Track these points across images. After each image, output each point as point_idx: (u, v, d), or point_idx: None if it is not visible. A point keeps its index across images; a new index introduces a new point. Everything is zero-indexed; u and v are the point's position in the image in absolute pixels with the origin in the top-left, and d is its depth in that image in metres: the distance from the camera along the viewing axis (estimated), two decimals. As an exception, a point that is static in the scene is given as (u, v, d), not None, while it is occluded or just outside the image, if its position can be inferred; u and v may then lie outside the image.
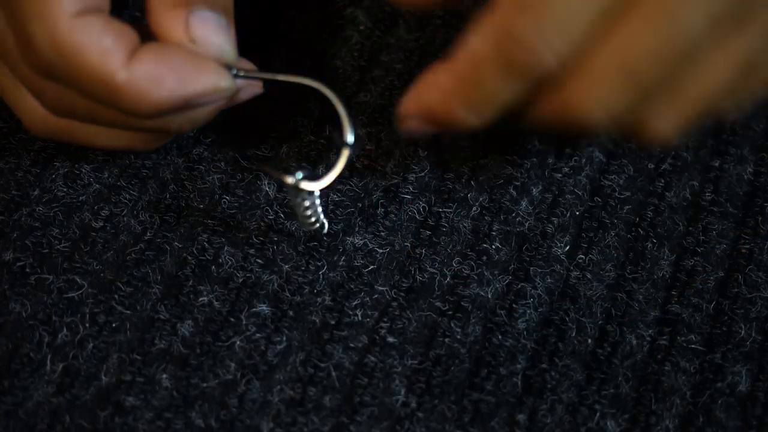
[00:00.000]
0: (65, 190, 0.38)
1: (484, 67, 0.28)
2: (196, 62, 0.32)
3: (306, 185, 0.33)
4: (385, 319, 0.36)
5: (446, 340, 0.36)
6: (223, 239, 0.37)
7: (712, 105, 0.30)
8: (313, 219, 0.35)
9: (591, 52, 0.27)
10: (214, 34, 0.33)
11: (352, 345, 0.36)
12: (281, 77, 0.34)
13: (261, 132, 0.40)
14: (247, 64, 0.35)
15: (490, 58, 0.28)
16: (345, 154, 0.32)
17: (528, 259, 0.38)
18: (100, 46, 0.31)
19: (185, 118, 0.34)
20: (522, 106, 0.29)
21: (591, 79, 0.28)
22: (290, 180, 0.33)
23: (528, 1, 0.27)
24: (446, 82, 0.29)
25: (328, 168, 0.33)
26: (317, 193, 0.34)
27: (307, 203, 0.34)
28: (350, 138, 0.32)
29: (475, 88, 0.28)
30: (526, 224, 0.38)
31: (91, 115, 0.34)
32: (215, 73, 0.32)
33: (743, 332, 0.36)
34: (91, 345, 0.35)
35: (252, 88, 0.35)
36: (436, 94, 0.29)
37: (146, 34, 0.33)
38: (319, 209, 0.35)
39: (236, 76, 0.33)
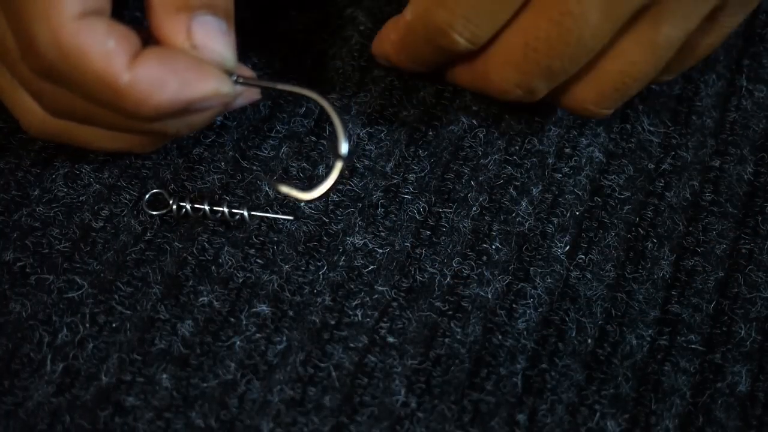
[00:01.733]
0: (65, 190, 0.38)
1: (414, 35, 0.35)
2: (198, 67, 0.32)
3: (300, 195, 0.34)
4: (385, 319, 0.36)
5: (446, 340, 0.36)
6: (223, 239, 0.37)
7: (635, 80, 0.35)
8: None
9: (498, 38, 0.34)
10: (215, 40, 0.33)
11: (352, 345, 0.36)
12: (280, 86, 0.35)
13: (261, 132, 0.40)
14: (246, 71, 0.35)
15: (417, 30, 0.35)
16: (338, 166, 0.33)
17: (528, 259, 0.38)
18: (103, 48, 0.31)
19: (184, 122, 0.34)
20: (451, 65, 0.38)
21: (499, 59, 0.35)
22: (285, 189, 0.34)
23: None
24: (392, 38, 0.37)
25: (325, 175, 0.34)
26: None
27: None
28: (344, 149, 0.33)
29: (410, 49, 0.37)
30: (526, 224, 0.38)
31: (89, 117, 0.34)
32: (216, 78, 0.32)
33: (743, 332, 0.36)
34: (91, 345, 0.35)
35: (249, 95, 0.36)
36: (388, 46, 0.38)
37: (147, 38, 0.33)
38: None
39: (236, 82, 0.33)
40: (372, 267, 0.37)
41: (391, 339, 0.36)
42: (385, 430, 0.34)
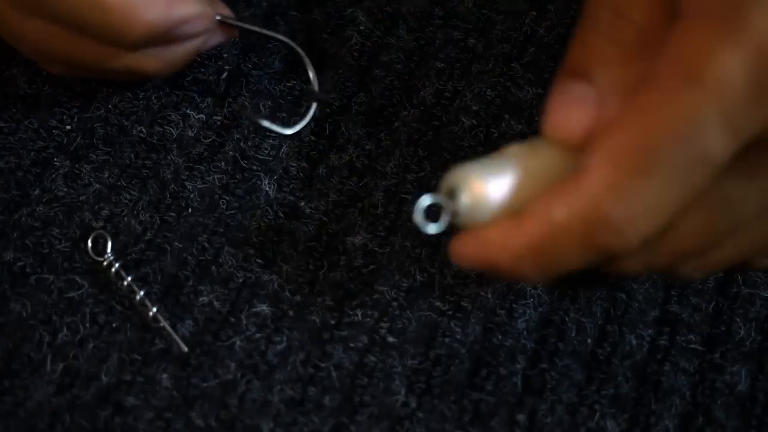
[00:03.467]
0: (65, 189, 0.38)
1: (563, 239, 0.27)
2: None
3: (281, 130, 0.37)
4: (385, 319, 0.36)
5: (446, 340, 0.36)
6: (223, 239, 0.37)
7: (742, 260, 0.31)
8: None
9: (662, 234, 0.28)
10: None
11: (352, 345, 0.36)
12: (256, 29, 0.38)
13: (261, 132, 0.40)
14: (226, 11, 0.37)
15: (573, 232, 0.27)
16: (313, 106, 0.36)
17: (528, 259, 0.38)
18: None
19: (163, 54, 0.34)
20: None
21: (647, 254, 0.28)
22: (266, 123, 0.36)
23: (622, 182, 0.26)
24: (518, 246, 0.27)
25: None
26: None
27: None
28: (315, 86, 0.36)
29: (548, 257, 0.27)
30: (526, 224, 0.38)
31: (68, 60, 0.34)
32: (200, 3, 0.33)
33: (743, 332, 0.36)
34: (92, 345, 0.35)
35: (227, 32, 0.37)
36: (506, 255, 0.28)
37: None
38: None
39: (219, 15, 0.36)
40: (372, 267, 0.37)
41: (391, 339, 0.36)
42: (385, 430, 0.34)
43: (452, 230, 0.28)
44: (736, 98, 0.25)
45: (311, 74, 0.37)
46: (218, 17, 0.36)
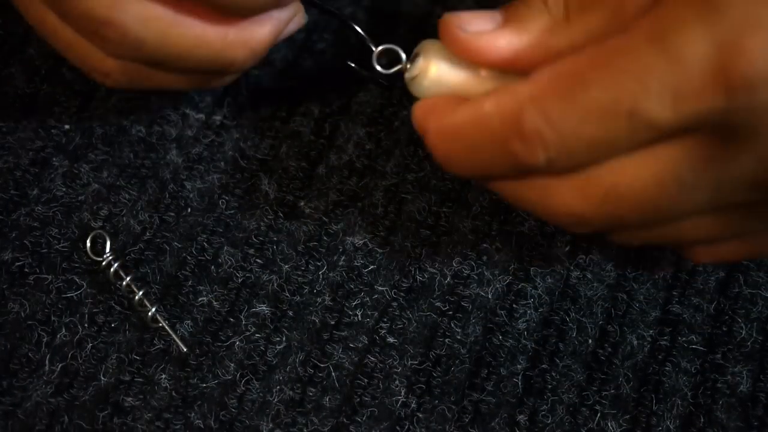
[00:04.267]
0: (64, 189, 0.38)
1: (482, 131, 0.29)
2: None
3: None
4: (385, 319, 0.36)
5: (446, 340, 0.36)
6: (223, 239, 0.37)
7: (677, 243, 0.32)
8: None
9: (583, 168, 0.28)
10: None
11: (352, 345, 0.36)
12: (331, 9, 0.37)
13: (261, 132, 0.40)
14: None
15: (491, 127, 0.28)
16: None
17: (528, 259, 0.37)
18: None
19: (251, 38, 0.33)
20: (500, 177, 0.30)
21: (573, 186, 0.29)
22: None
23: (547, 97, 0.27)
24: (446, 122, 0.30)
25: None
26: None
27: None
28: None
29: (468, 142, 0.29)
30: (526, 224, 0.38)
31: (158, 46, 0.33)
32: None
33: (744, 332, 0.36)
34: (90, 345, 0.35)
35: (299, 19, 0.36)
36: (433, 127, 0.30)
37: None
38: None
39: None
40: (372, 267, 0.37)
41: (391, 339, 0.36)
42: (385, 431, 0.34)
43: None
44: (691, 77, 0.25)
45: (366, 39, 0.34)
46: None
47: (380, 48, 0.32)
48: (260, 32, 0.33)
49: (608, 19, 0.28)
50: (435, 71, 0.31)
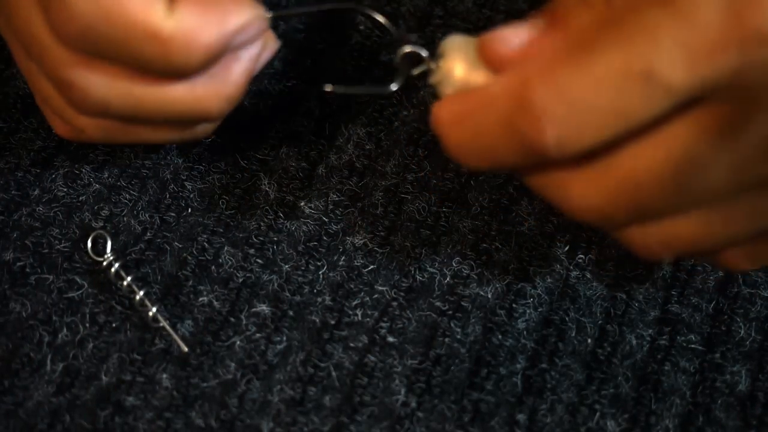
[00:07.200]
0: (65, 189, 0.38)
1: (490, 113, 0.27)
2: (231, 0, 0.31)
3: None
4: (385, 319, 0.36)
5: (446, 340, 0.36)
6: (223, 239, 0.37)
7: (715, 243, 0.29)
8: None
9: (597, 159, 0.27)
10: None
11: (352, 345, 0.36)
12: (314, 8, 0.34)
13: (261, 132, 0.40)
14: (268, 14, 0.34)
15: (498, 107, 0.27)
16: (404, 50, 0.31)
17: (528, 259, 0.38)
18: None
19: (222, 86, 0.32)
20: (517, 167, 0.29)
21: (589, 176, 0.27)
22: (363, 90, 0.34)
23: (555, 69, 0.26)
24: (456, 109, 0.28)
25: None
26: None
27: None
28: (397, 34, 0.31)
29: (478, 127, 0.28)
30: (526, 224, 0.38)
31: (125, 106, 0.32)
32: (251, 5, 0.31)
33: (743, 332, 0.36)
34: (91, 345, 0.35)
35: (271, 46, 0.34)
36: (444, 113, 0.29)
37: None
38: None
39: (270, 11, 0.33)
40: (372, 267, 0.37)
41: (391, 339, 0.36)
42: (385, 430, 0.34)
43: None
44: (705, 33, 0.24)
45: (387, 23, 0.32)
46: (270, 14, 0.32)
47: (405, 51, 0.30)
48: (231, 78, 0.32)
49: None
50: (460, 71, 0.29)
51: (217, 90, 0.32)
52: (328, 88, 0.31)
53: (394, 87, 0.30)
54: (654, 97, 0.25)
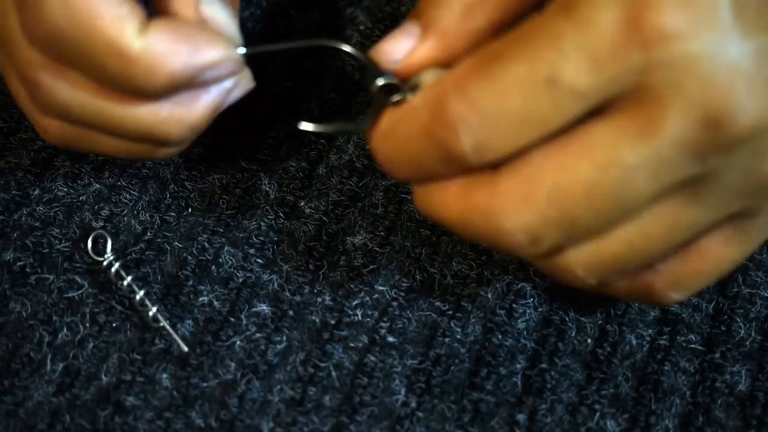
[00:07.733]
0: (65, 189, 0.38)
1: (411, 124, 0.28)
2: (207, 34, 0.31)
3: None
4: (385, 319, 0.36)
5: (446, 340, 0.36)
6: (223, 239, 0.37)
7: (637, 255, 0.29)
8: None
9: (519, 166, 0.27)
10: (222, 15, 0.33)
11: (352, 345, 0.36)
12: (289, 45, 0.34)
13: (261, 132, 0.40)
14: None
15: (418, 118, 0.28)
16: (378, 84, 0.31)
17: (528, 258, 0.38)
18: (115, 13, 0.30)
19: (187, 114, 0.32)
20: (441, 176, 0.29)
21: (514, 191, 0.28)
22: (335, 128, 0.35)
23: (468, 80, 0.27)
24: (383, 126, 0.30)
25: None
26: None
27: None
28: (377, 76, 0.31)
29: (402, 139, 0.29)
30: (526, 224, 0.38)
31: (86, 114, 0.33)
32: (225, 44, 0.32)
33: (743, 332, 0.36)
34: (92, 345, 0.35)
35: (245, 84, 0.34)
36: (377, 130, 0.30)
37: (151, 14, 0.32)
38: None
39: (245, 48, 0.33)
40: (372, 267, 0.37)
41: (391, 339, 0.36)
42: (385, 430, 0.34)
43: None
44: (604, 37, 0.25)
45: (367, 61, 0.32)
46: (244, 51, 0.33)
47: (381, 83, 0.30)
48: (196, 108, 0.32)
49: None
50: None
51: (180, 117, 0.32)
52: (303, 126, 0.32)
53: (369, 123, 0.31)
54: (562, 101, 0.26)
